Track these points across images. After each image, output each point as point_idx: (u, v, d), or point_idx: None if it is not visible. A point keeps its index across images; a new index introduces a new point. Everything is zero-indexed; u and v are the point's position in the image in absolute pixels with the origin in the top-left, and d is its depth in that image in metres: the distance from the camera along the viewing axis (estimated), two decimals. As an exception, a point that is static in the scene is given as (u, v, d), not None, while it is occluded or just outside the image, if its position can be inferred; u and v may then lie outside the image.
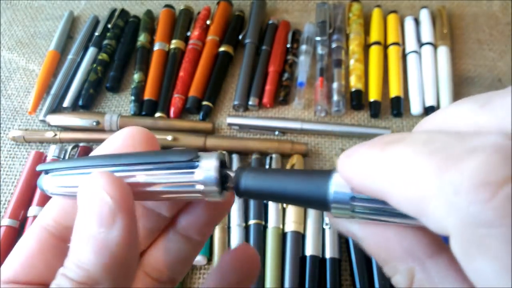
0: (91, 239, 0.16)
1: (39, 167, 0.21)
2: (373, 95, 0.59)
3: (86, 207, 0.17)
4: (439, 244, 0.15)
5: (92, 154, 0.20)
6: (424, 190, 0.12)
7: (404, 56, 0.63)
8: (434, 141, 0.12)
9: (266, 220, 0.49)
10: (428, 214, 0.12)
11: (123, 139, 0.20)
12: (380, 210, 0.15)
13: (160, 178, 0.18)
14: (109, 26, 0.67)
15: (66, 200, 0.20)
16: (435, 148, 0.12)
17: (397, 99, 0.58)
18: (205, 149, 0.56)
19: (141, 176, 0.18)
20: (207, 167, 0.18)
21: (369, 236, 0.16)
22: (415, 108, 0.58)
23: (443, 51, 0.62)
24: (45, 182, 0.20)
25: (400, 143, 0.13)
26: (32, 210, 0.50)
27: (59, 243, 0.20)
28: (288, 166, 0.53)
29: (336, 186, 0.16)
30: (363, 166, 0.14)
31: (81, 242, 0.16)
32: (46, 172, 0.20)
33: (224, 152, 0.55)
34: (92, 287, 0.16)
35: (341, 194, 0.16)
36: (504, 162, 0.11)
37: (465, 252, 0.11)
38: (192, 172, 0.18)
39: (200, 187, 0.18)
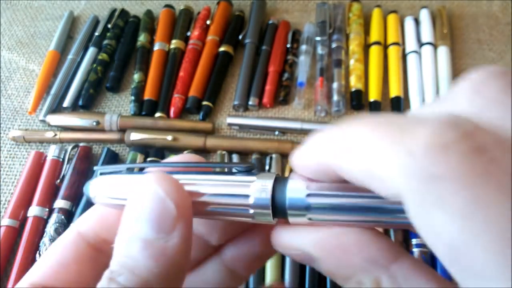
0: (148, 245, 0.15)
1: (96, 168, 0.20)
2: (373, 95, 0.59)
3: (142, 210, 0.16)
4: (399, 248, 0.15)
5: None
6: (378, 157, 0.13)
7: (404, 56, 0.63)
8: (388, 119, 0.13)
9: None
10: (382, 178, 0.13)
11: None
12: (337, 206, 0.15)
13: (212, 187, 0.17)
14: (109, 26, 0.67)
15: (110, 210, 0.19)
16: (390, 123, 0.13)
17: (397, 99, 0.58)
18: (205, 149, 0.56)
19: (195, 183, 0.17)
20: (262, 185, 0.17)
21: (327, 253, 0.16)
22: (415, 108, 0.58)
23: (443, 51, 0.62)
24: (95, 187, 0.19)
25: (354, 122, 0.14)
26: (32, 210, 0.50)
27: (96, 254, 0.19)
28: (288, 167, 0.53)
29: (290, 191, 0.16)
30: (316, 148, 0.15)
31: (135, 246, 0.15)
32: (100, 174, 0.19)
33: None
34: None
35: (296, 199, 0.16)
36: (452, 128, 0.12)
37: (422, 209, 0.11)
38: (248, 185, 0.17)
39: (251, 200, 0.17)
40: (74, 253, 0.19)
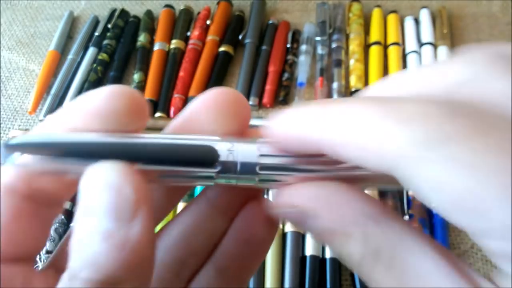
0: (108, 236, 0.14)
1: (4, 144, 0.16)
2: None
3: (98, 201, 0.15)
4: (385, 208, 0.15)
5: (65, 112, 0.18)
6: (376, 132, 0.13)
7: (404, 56, 0.63)
8: (381, 98, 0.14)
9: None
10: (379, 153, 0.13)
11: (105, 101, 0.17)
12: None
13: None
14: (109, 26, 0.67)
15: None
16: (383, 101, 0.14)
17: (397, 99, 0.58)
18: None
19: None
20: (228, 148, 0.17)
21: (321, 206, 0.15)
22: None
23: (443, 51, 0.62)
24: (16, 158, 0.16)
25: (346, 100, 0.15)
26: (32, 210, 0.50)
27: (36, 207, 0.17)
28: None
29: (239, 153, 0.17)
30: (304, 121, 0.15)
31: (95, 240, 0.15)
32: (16, 149, 0.16)
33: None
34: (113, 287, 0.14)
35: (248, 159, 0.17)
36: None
37: (424, 171, 0.12)
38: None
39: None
40: (10, 211, 0.17)
